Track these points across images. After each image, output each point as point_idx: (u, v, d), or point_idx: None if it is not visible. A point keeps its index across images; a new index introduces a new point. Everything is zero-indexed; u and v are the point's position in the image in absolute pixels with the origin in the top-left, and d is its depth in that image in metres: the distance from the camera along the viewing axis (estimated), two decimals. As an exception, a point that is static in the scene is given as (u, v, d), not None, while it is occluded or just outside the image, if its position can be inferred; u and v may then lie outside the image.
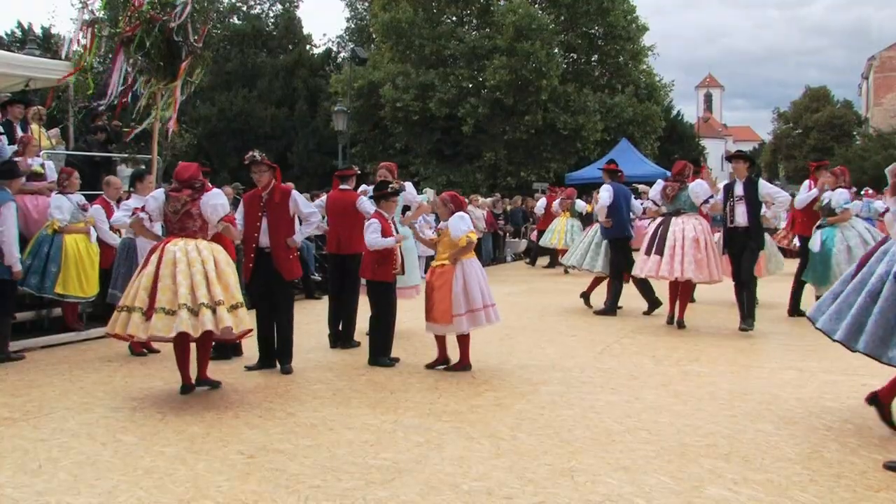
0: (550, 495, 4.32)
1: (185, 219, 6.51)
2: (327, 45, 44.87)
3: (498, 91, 29.89)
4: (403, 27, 31.42)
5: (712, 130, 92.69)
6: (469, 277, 7.25)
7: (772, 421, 5.76)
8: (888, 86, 52.24)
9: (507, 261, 21.20)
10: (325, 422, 5.74)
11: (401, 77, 31.28)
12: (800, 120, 60.32)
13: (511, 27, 29.46)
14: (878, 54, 53.46)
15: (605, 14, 32.41)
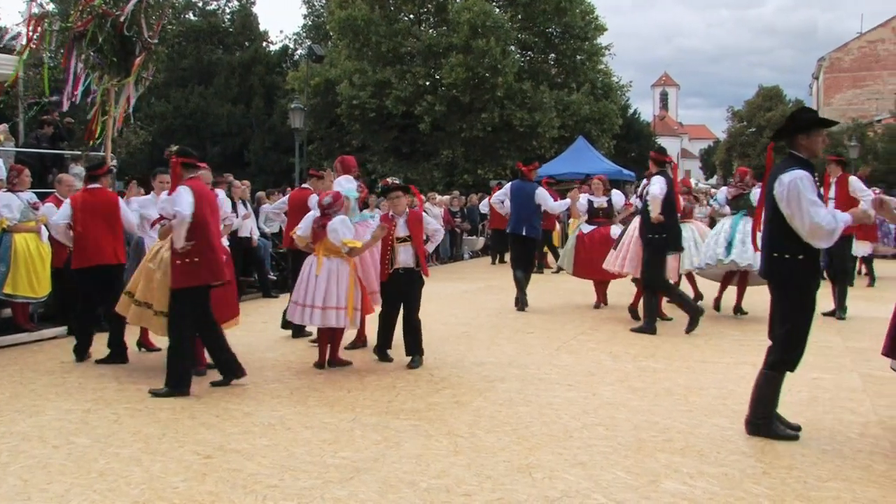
0: (508, 492, 4.35)
1: None
2: (284, 42, 44.69)
3: (454, 89, 29.90)
4: (360, 25, 31.29)
5: (668, 129, 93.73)
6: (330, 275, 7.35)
7: (727, 415, 5.85)
8: (837, 86, 53.14)
9: (465, 258, 21.22)
10: (282, 421, 5.71)
11: (357, 74, 31.16)
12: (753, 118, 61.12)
13: (466, 25, 29.48)
14: (828, 55, 54.35)
15: (563, 13, 32.56)
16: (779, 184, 5.17)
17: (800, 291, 5.27)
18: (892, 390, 6.63)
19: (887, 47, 51.93)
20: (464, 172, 31.55)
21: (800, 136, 5.32)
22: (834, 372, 7.37)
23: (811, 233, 5.04)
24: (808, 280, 5.27)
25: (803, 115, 5.51)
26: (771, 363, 5.36)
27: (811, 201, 5.02)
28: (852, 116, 40.49)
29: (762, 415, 5.36)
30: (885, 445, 5.22)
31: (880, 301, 12.09)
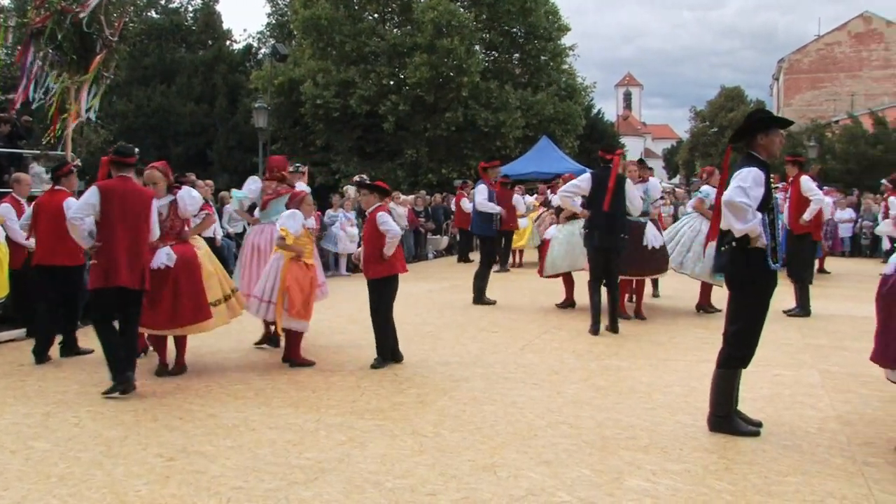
0: (473, 491, 4.36)
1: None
2: (248, 41, 44.32)
3: (419, 88, 29.89)
4: (324, 24, 31.16)
5: (632, 128, 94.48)
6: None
7: (689, 413, 5.92)
8: (797, 87, 53.94)
9: (429, 258, 21.23)
10: (246, 422, 5.68)
11: (321, 74, 31.03)
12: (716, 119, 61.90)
13: (431, 24, 29.47)
14: (787, 57, 55.16)
15: (528, 14, 32.67)
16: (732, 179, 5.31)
17: (749, 287, 5.35)
18: (848, 386, 6.75)
19: (843, 50, 52.87)
20: (428, 172, 31.53)
21: (758, 135, 5.40)
22: (794, 368, 7.48)
23: (726, 204, 5.15)
24: (760, 277, 5.33)
25: (760, 116, 5.60)
26: (723, 361, 5.45)
27: (743, 189, 5.13)
28: (811, 117, 41.05)
29: (722, 411, 5.43)
30: (841, 440, 5.32)
31: (837, 299, 12.31)
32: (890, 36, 52.16)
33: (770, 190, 5.34)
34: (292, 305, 7.40)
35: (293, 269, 7.49)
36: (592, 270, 9.35)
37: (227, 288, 7.53)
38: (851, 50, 52.82)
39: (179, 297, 6.99)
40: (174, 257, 7.01)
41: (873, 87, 51.24)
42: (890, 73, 51.73)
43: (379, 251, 7.42)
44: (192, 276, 7.09)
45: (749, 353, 5.42)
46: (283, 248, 7.50)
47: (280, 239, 7.51)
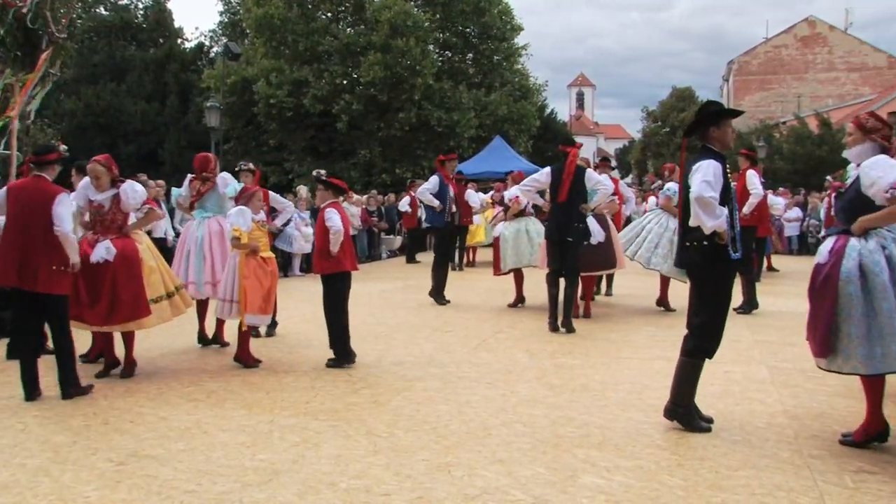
0: (428, 490, 4.36)
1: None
2: (200, 40, 43.83)
3: (373, 88, 29.79)
4: (277, 23, 30.92)
5: (584, 128, 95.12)
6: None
7: (642, 409, 5.98)
8: (746, 88, 54.85)
9: (383, 258, 21.20)
10: (199, 424, 5.62)
11: (275, 73, 30.79)
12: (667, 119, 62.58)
13: (386, 24, 29.41)
14: (737, 58, 56.07)
15: (481, 14, 32.75)
16: (691, 172, 5.38)
17: (714, 280, 5.42)
18: (796, 381, 6.88)
19: (790, 53, 53.95)
20: (381, 172, 31.45)
21: (711, 128, 5.50)
22: (744, 365, 7.60)
23: (697, 200, 5.20)
24: (721, 269, 5.41)
25: (711, 108, 5.68)
26: (688, 350, 5.50)
27: (709, 183, 5.20)
28: (760, 118, 41.80)
29: (682, 402, 5.50)
30: (789, 434, 5.42)
31: (785, 296, 12.52)
32: (833, 40, 53.35)
33: (728, 181, 5.43)
34: (252, 301, 7.37)
35: (250, 265, 7.45)
36: (550, 263, 9.42)
37: (172, 285, 7.43)
38: (798, 53, 53.90)
39: (118, 292, 6.87)
40: (114, 251, 6.90)
41: (818, 89, 52.35)
42: (833, 75, 52.91)
43: (327, 247, 7.44)
44: (132, 271, 6.98)
45: (715, 344, 5.49)
46: (239, 247, 7.44)
47: (235, 240, 7.44)
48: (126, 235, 7.14)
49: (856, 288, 4.94)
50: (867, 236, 5.03)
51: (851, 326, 4.94)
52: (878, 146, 5.19)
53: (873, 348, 4.88)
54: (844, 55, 53.12)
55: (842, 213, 5.34)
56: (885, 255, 4.93)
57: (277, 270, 7.98)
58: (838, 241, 5.15)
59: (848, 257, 5.01)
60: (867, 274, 4.93)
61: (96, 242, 6.94)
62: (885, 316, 4.84)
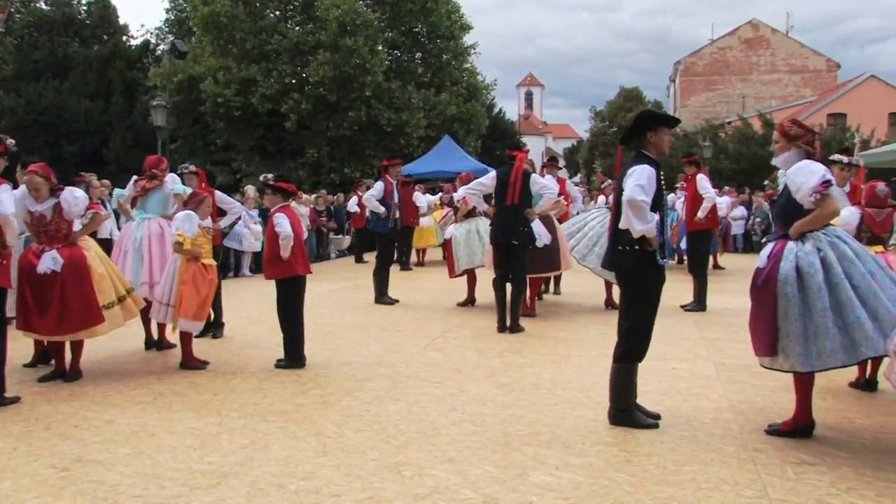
0: (378, 490, 4.36)
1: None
2: (145, 37, 43.13)
3: (321, 87, 29.62)
4: (224, 21, 30.57)
5: (533, 128, 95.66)
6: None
7: (591, 407, 6.04)
8: (692, 89, 55.71)
9: (331, 258, 21.11)
10: (146, 428, 5.55)
11: (222, 72, 30.44)
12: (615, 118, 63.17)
13: (335, 23, 29.26)
14: (684, 59, 56.93)
15: (429, 13, 32.76)
16: (626, 176, 5.43)
17: (642, 285, 5.52)
18: (741, 377, 7.00)
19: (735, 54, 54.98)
20: (330, 171, 31.31)
21: (648, 134, 5.55)
22: (690, 362, 7.71)
23: (629, 202, 5.24)
24: (650, 273, 5.51)
25: (648, 115, 5.77)
26: (618, 356, 5.61)
27: (641, 187, 5.25)
28: (706, 118, 42.44)
29: (622, 405, 5.57)
30: (734, 428, 5.52)
31: (732, 294, 12.72)
32: (776, 43, 54.51)
33: (661, 188, 5.51)
34: (188, 307, 7.30)
35: (190, 271, 7.38)
36: (495, 268, 9.46)
37: (122, 289, 7.31)
38: (742, 54, 54.94)
39: (67, 301, 6.75)
40: (60, 261, 6.78)
41: (762, 91, 53.42)
42: (776, 77, 54.06)
43: (277, 252, 7.39)
44: (81, 280, 6.86)
45: (643, 347, 5.59)
46: (181, 252, 7.36)
47: (177, 244, 7.36)
48: (73, 244, 7.01)
49: (793, 289, 5.09)
50: (804, 239, 5.20)
51: (790, 326, 5.09)
52: (803, 152, 5.39)
53: (809, 347, 5.03)
54: (786, 57, 54.30)
55: (778, 219, 5.50)
56: (821, 256, 5.10)
57: (217, 279, 7.88)
58: (776, 245, 5.33)
59: (785, 260, 5.17)
60: (803, 275, 5.08)
61: (42, 253, 6.80)
62: (820, 316, 4.99)
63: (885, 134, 35.71)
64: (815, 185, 5.05)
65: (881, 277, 5.10)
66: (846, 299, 4.96)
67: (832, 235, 5.20)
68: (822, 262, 5.07)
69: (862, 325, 4.90)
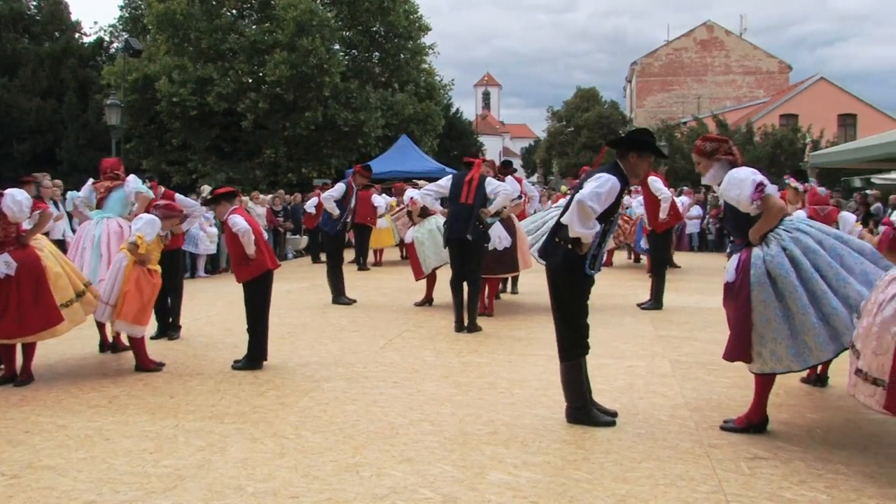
0: (336, 491, 4.35)
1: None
2: (99, 35, 42.37)
3: (278, 87, 29.42)
4: (180, 19, 30.23)
5: (490, 128, 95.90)
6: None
7: (548, 406, 6.07)
8: (648, 89, 56.31)
9: (289, 258, 20.98)
10: (100, 432, 5.47)
11: (178, 71, 30.09)
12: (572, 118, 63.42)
13: (292, 22, 29.07)
14: (640, 60, 57.50)
15: (387, 13, 32.70)
16: (593, 175, 5.43)
17: (568, 282, 5.52)
18: (696, 374, 7.09)
19: (690, 56, 55.69)
20: (287, 171, 31.11)
21: (633, 153, 5.49)
22: (647, 359, 7.79)
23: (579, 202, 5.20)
24: (578, 278, 5.50)
25: (642, 138, 5.69)
26: (562, 355, 5.62)
27: (599, 195, 5.24)
28: (662, 118, 42.91)
29: (577, 403, 5.60)
30: (690, 425, 5.59)
31: (687, 292, 12.89)
32: (730, 44, 55.31)
33: (617, 207, 5.53)
34: (129, 310, 7.21)
35: (135, 273, 7.29)
36: (453, 267, 9.47)
37: (80, 284, 7.21)
38: (697, 56, 55.65)
39: (24, 304, 6.65)
40: (14, 265, 6.66)
41: (717, 91, 54.18)
42: (730, 78, 54.84)
43: (243, 253, 7.33)
44: (37, 282, 6.76)
45: (581, 342, 5.59)
46: (133, 253, 7.27)
47: (133, 245, 7.27)
48: (24, 246, 6.89)
49: (769, 294, 5.17)
50: (767, 242, 5.28)
51: (774, 331, 5.16)
52: (726, 163, 5.50)
53: (799, 345, 5.13)
54: (740, 59, 55.11)
55: (735, 233, 5.59)
56: (788, 255, 5.18)
57: (160, 283, 7.72)
58: (742, 255, 5.38)
59: (754, 267, 5.24)
60: (776, 278, 5.17)
61: None
62: (800, 313, 5.08)
63: (834, 135, 36.43)
64: (751, 194, 5.15)
65: (848, 257, 5.21)
66: (821, 292, 5.08)
67: (792, 230, 5.29)
68: (791, 261, 5.16)
69: (839, 314, 5.01)
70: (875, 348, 4.38)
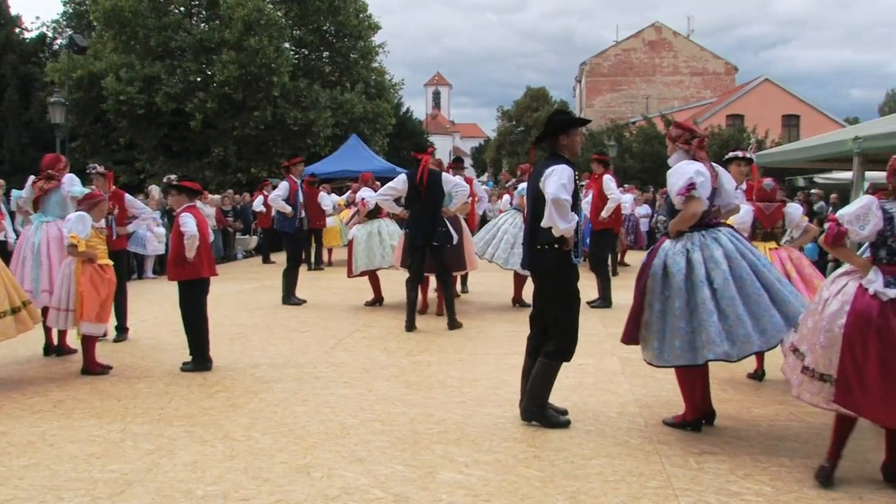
0: (287, 493, 4.32)
1: None
2: (41, 30, 41.51)
3: (227, 86, 29.12)
4: (127, 16, 29.73)
5: (441, 127, 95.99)
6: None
7: (499, 404, 6.10)
8: (597, 89, 56.77)
9: (238, 258, 20.80)
10: (44, 437, 5.35)
11: (125, 69, 29.63)
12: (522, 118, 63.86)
13: (240, 21, 28.80)
14: (589, 60, 57.95)
15: (337, 12, 32.55)
16: (543, 176, 5.40)
17: (563, 283, 5.53)
18: (646, 372, 7.11)
19: (639, 56, 56.30)
20: (237, 171, 30.82)
21: (561, 136, 5.56)
22: (597, 357, 7.86)
23: (554, 201, 5.21)
24: (568, 272, 5.54)
25: (561, 117, 5.77)
26: (549, 353, 5.54)
27: (564, 186, 5.26)
28: (611, 118, 43.30)
29: (538, 403, 5.57)
30: (640, 422, 5.67)
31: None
32: (677, 45, 56.03)
33: (578, 190, 5.58)
34: (90, 310, 7.10)
35: (87, 273, 7.17)
36: (410, 268, 9.48)
37: (18, 300, 6.96)
38: (646, 56, 56.26)
39: None
40: None
41: (665, 92, 54.84)
42: (678, 79, 55.56)
43: (183, 253, 7.24)
44: None
45: (573, 346, 5.59)
46: (75, 254, 7.14)
47: (71, 247, 7.14)
48: None
49: (658, 285, 5.35)
50: (679, 238, 5.41)
51: (652, 320, 5.38)
52: (682, 151, 5.59)
53: (664, 343, 5.29)
54: (688, 60, 55.84)
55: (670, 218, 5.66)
56: (687, 257, 5.30)
57: (115, 278, 7.63)
58: (658, 242, 5.61)
59: (658, 256, 5.43)
60: (669, 274, 5.32)
61: None
62: (676, 315, 5.23)
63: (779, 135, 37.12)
64: (681, 188, 5.26)
65: (749, 286, 5.18)
66: (700, 301, 5.16)
67: (709, 237, 5.35)
68: (687, 263, 5.27)
69: (706, 329, 5.10)
70: (823, 343, 4.48)
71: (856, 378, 4.28)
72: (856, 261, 4.61)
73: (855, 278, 4.49)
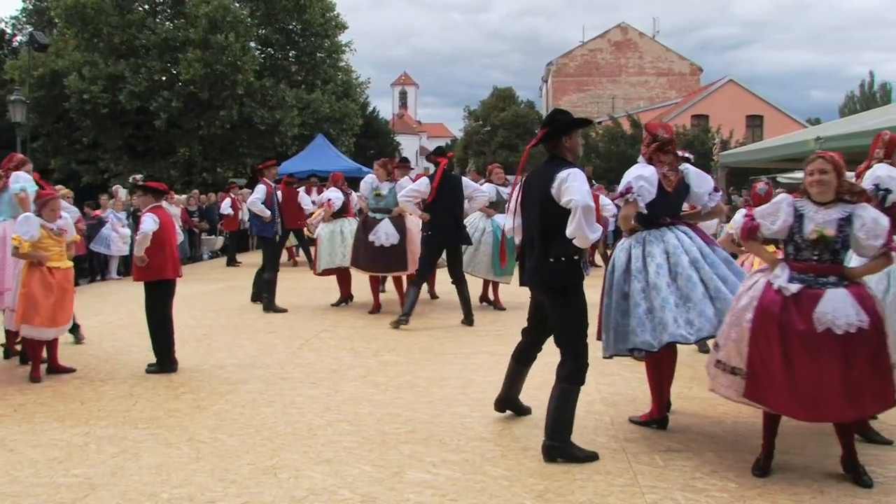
0: (254, 495, 4.30)
1: None
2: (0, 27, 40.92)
3: (192, 85, 28.86)
4: (90, 13, 29.34)
5: (407, 127, 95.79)
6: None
7: (467, 404, 6.11)
8: (564, 89, 57.05)
9: (204, 258, 20.65)
10: (3, 442, 5.27)
11: (88, 67, 29.25)
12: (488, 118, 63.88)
13: (205, 19, 28.55)
14: (556, 60, 58.22)
15: (303, 10, 32.40)
16: (556, 182, 4.86)
17: (577, 297, 5.09)
18: (612, 370, 7.19)
19: (605, 56, 56.66)
20: (202, 171, 30.58)
21: (563, 138, 5.12)
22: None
23: (585, 208, 4.69)
24: (580, 283, 5.09)
25: (564, 118, 5.24)
26: (569, 376, 4.98)
27: (587, 191, 4.82)
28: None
29: (563, 437, 4.93)
30: (606, 420, 5.71)
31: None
32: (643, 46, 56.49)
33: None
34: (27, 313, 6.94)
35: (33, 276, 7.01)
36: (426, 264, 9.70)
37: None
38: (612, 57, 56.64)
39: None
40: None
41: (631, 92, 55.26)
42: (644, 79, 56.00)
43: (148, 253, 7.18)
44: None
45: (587, 362, 5.08)
46: (19, 256, 7.03)
47: (14, 248, 7.03)
48: None
49: (607, 282, 5.57)
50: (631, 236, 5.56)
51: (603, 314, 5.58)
52: (641, 156, 5.66)
53: (608, 335, 5.49)
54: (653, 60, 56.31)
55: None
56: (628, 254, 5.45)
57: (70, 283, 7.40)
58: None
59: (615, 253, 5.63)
60: (613, 270, 5.53)
61: None
62: (611, 308, 5.47)
63: (743, 135, 37.55)
64: (619, 191, 5.45)
65: (684, 282, 5.19)
66: (632, 293, 5.32)
67: (654, 235, 5.43)
68: (628, 259, 5.43)
69: (633, 318, 5.27)
70: (734, 337, 4.62)
71: (763, 372, 4.43)
72: (764, 256, 4.79)
73: (767, 274, 4.62)
